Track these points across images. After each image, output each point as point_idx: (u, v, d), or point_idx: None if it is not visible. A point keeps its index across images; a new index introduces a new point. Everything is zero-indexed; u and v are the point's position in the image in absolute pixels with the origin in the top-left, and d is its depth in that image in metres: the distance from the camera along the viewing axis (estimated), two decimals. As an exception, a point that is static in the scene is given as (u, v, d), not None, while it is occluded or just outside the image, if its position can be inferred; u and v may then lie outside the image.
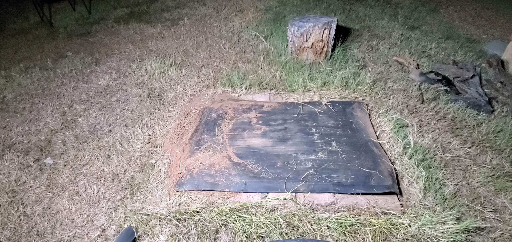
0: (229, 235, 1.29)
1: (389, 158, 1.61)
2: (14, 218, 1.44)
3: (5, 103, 2.32)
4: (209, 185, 1.46)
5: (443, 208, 1.36)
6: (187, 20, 3.66)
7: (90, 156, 1.75)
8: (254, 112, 1.92)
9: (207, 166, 1.56)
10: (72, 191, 1.55)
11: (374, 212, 1.33)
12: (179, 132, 1.87)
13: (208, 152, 1.64)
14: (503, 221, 1.34)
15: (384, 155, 1.60)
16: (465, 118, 1.92)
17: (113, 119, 2.07)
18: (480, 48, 2.77)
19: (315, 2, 3.87)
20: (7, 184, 1.62)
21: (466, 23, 3.42)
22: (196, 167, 1.55)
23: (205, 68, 2.59)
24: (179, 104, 2.15)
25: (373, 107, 2.01)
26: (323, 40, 2.42)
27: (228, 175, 1.50)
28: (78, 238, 1.34)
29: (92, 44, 3.23)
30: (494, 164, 1.61)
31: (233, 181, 1.47)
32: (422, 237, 1.23)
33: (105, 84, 2.47)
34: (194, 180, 1.49)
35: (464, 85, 2.15)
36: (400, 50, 2.74)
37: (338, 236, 1.25)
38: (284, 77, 2.32)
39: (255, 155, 1.62)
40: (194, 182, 1.48)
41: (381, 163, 1.53)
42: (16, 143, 1.91)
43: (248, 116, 1.89)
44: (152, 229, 1.31)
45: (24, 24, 4.01)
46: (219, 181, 1.47)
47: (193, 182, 1.48)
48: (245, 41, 3.00)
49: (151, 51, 2.95)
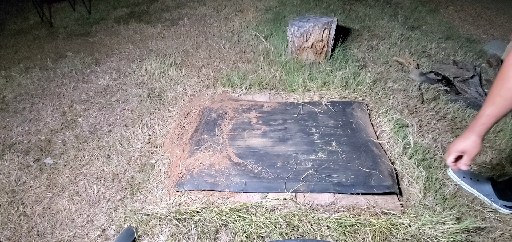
0: (229, 235, 1.29)
1: (389, 158, 1.61)
2: (14, 218, 1.44)
3: (5, 103, 2.32)
4: (209, 185, 1.46)
5: (443, 208, 1.36)
6: (187, 20, 3.66)
7: (90, 156, 1.75)
8: (254, 112, 1.93)
9: (207, 166, 1.56)
10: (72, 191, 1.55)
11: (374, 212, 1.33)
12: (179, 132, 1.87)
13: (208, 151, 1.64)
14: (503, 221, 1.34)
15: (384, 155, 1.60)
16: (465, 119, 1.92)
17: (113, 119, 2.08)
18: (480, 48, 2.77)
19: (315, 2, 3.87)
20: (7, 184, 1.62)
21: (466, 23, 3.42)
22: (196, 167, 1.55)
23: (205, 68, 2.59)
24: (179, 104, 2.15)
25: (373, 107, 2.01)
26: (323, 40, 2.42)
27: (228, 175, 1.50)
28: (78, 238, 1.34)
29: (92, 44, 3.23)
30: (494, 164, 1.61)
31: (233, 181, 1.47)
32: (422, 237, 1.23)
33: (105, 84, 2.47)
34: (194, 180, 1.49)
35: (464, 85, 2.15)
36: (400, 50, 2.74)
37: (338, 236, 1.25)
38: (284, 77, 2.32)
39: (255, 154, 1.62)
40: (194, 182, 1.48)
41: (381, 163, 1.53)
42: (16, 143, 1.91)
43: (248, 116, 1.89)
44: (152, 229, 1.31)
45: (24, 24, 4.01)
46: (219, 181, 1.47)
47: (193, 182, 1.48)
48: (245, 41, 3.00)
49: (151, 51, 2.95)
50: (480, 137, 0.97)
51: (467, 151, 1.00)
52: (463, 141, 1.00)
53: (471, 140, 0.98)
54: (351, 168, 1.52)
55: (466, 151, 1.00)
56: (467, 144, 0.99)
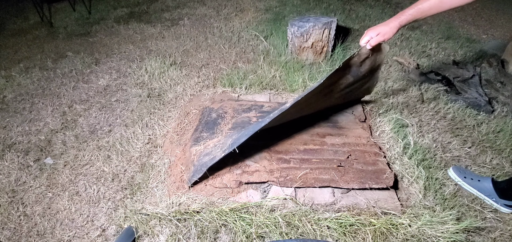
0: (229, 235, 1.29)
1: (389, 158, 1.61)
2: (14, 218, 1.44)
3: (5, 103, 2.32)
4: (209, 161, 1.43)
5: (443, 208, 1.36)
6: (187, 20, 3.66)
7: (90, 156, 1.75)
8: (254, 112, 1.92)
9: (203, 148, 1.56)
10: (72, 191, 1.55)
11: (374, 212, 1.33)
12: (179, 132, 1.87)
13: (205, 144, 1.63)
14: (503, 221, 1.35)
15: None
16: (465, 118, 1.92)
17: (113, 119, 2.08)
18: (480, 48, 2.77)
19: (315, 2, 3.87)
20: (7, 184, 1.62)
21: (466, 23, 3.43)
22: (196, 156, 1.54)
23: (205, 68, 2.59)
24: (179, 104, 2.15)
25: (373, 107, 2.01)
26: (323, 40, 2.42)
27: (223, 144, 1.48)
28: (78, 238, 1.34)
29: (92, 44, 3.23)
30: (494, 164, 1.61)
31: (226, 143, 1.45)
32: (422, 237, 1.23)
33: (105, 84, 2.47)
34: (196, 167, 1.47)
35: (464, 85, 2.15)
36: (400, 50, 2.74)
37: (338, 236, 1.25)
38: (284, 77, 2.32)
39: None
40: (198, 169, 1.46)
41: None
42: (16, 143, 1.92)
43: (248, 116, 1.89)
44: (152, 229, 1.31)
45: (24, 24, 4.02)
46: (216, 153, 1.44)
47: (196, 169, 1.46)
48: (245, 41, 3.00)
49: (151, 51, 2.95)
50: (400, 25, 1.29)
51: (385, 33, 1.30)
52: (384, 25, 1.31)
53: (391, 25, 1.29)
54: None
55: (383, 33, 1.30)
56: (387, 28, 1.30)
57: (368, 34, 1.35)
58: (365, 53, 1.46)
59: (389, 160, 1.61)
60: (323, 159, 1.56)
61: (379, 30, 1.32)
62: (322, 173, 1.48)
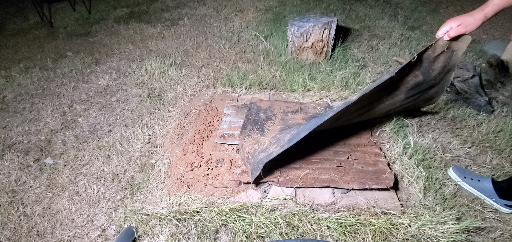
0: (229, 235, 1.29)
1: (389, 158, 1.61)
2: (14, 218, 1.44)
3: (5, 103, 2.32)
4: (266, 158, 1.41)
5: (443, 208, 1.36)
6: (187, 20, 3.66)
7: (90, 156, 1.75)
8: (302, 114, 1.91)
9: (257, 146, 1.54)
10: (72, 191, 1.55)
11: (374, 212, 1.33)
12: (179, 132, 1.87)
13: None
14: (503, 221, 1.34)
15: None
16: (465, 118, 1.92)
17: (113, 119, 2.08)
18: (480, 48, 2.77)
19: (315, 2, 3.87)
20: (7, 184, 1.62)
21: (466, 23, 3.42)
22: (250, 154, 1.53)
23: (205, 68, 2.59)
24: (179, 104, 2.15)
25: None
26: (323, 40, 2.42)
27: (279, 140, 1.46)
28: (78, 238, 1.34)
29: (92, 44, 3.23)
30: (494, 164, 1.61)
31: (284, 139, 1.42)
32: (422, 237, 1.23)
33: (105, 84, 2.47)
34: (253, 165, 1.44)
35: (464, 85, 2.15)
36: (400, 50, 2.74)
37: (338, 236, 1.25)
38: (284, 77, 2.32)
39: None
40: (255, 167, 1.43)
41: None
42: (16, 143, 1.91)
43: (294, 118, 1.86)
44: (152, 229, 1.31)
45: (24, 24, 4.02)
46: (272, 150, 1.41)
47: (254, 167, 1.43)
48: (245, 41, 3.00)
49: (151, 51, 2.95)
50: (486, 18, 1.16)
51: (467, 24, 1.18)
52: (468, 15, 1.18)
53: (476, 17, 1.16)
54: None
55: (466, 23, 1.18)
56: (470, 19, 1.17)
57: (448, 24, 1.22)
58: (442, 45, 1.30)
59: (389, 160, 1.61)
60: (323, 159, 1.56)
61: (462, 20, 1.18)
62: (322, 173, 1.48)
